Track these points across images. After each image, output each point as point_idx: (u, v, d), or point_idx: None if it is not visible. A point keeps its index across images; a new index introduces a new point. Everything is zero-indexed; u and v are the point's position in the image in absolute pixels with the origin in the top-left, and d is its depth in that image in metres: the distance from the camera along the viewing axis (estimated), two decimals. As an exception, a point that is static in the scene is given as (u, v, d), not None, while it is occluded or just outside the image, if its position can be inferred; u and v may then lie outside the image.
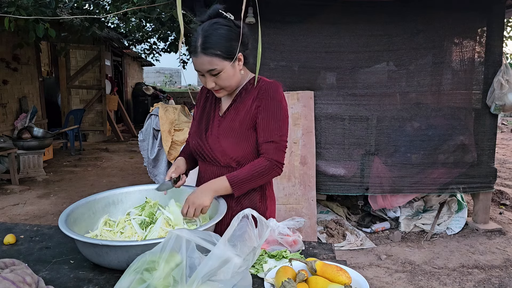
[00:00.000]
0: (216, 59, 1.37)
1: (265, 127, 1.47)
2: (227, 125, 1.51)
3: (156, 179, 4.35)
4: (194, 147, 1.58)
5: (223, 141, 1.50)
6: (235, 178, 1.43)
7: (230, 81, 1.44)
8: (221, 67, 1.39)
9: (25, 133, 5.99)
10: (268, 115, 1.47)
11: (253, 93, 1.52)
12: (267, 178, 1.48)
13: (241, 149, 1.49)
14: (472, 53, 3.93)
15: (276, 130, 1.47)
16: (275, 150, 1.46)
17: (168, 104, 6.87)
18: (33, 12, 4.39)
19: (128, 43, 12.15)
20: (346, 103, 3.89)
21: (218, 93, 1.49)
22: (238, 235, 1.11)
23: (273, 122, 1.47)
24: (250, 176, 1.43)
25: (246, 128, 1.49)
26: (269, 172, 1.46)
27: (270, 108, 1.47)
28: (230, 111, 1.53)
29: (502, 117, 12.79)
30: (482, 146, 4.00)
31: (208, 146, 1.53)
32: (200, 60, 1.39)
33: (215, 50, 1.37)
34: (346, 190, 3.93)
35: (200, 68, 1.41)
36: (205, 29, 1.39)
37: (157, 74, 23.84)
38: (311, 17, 3.77)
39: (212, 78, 1.42)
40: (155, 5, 5.51)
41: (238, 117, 1.50)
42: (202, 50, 1.37)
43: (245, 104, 1.51)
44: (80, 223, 1.38)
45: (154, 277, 0.94)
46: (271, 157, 1.45)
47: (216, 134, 1.52)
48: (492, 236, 3.93)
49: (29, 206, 4.86)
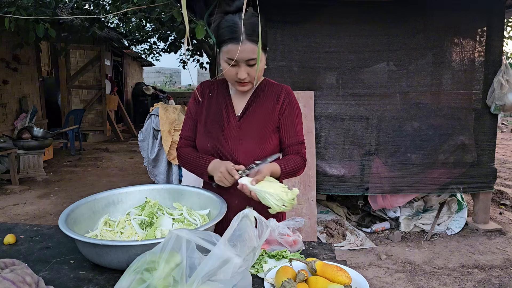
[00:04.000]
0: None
1: (293, 131, 1.55)
2: (249, 126, 1.51)
3: (156, 179, 4.35)
4: (209, 149, 1.53)
5: (246, 143, 1.50)
6: (285, 168, 1.49)
7: (259, 74, 1.45)
8: (261, 57, 1.39)
9: (25, 133, 5.99)
10: (294, 119, 1.56)
11: (271, 95, 1.53)
12: (297, 174, 1.57)
13: (264, 150, 1.50)
14: (472, 53, 3.93)
15: (300, 132, 1.58)
16: (304, 150, 1.59)
17: (168, 104, 6.87)
18: (33, 12, 4.40)
19: (128, 43, 12.16)
20: (346, 103, 3.89)
21: (244, 86, 1.46)
22: (238, 235, 1.11)
23: (298, 125, 1.57)
24: (292, 170, 1.52)
25: (269, 131, 1.52)
26: (301, 170, 1.56)
27: (294, 112, 1.56)
28: (249, 112, 1.53)
29: (502, 117, 12.80)
30: (482, 146, 4.00)
31: (229, 147, 1.51)
32: (244, 47, 1.34)
33: (258, 39, 1.36)
34: (346, 190, 3.93)
35: (241, 56, 1.36)
36: (246, 18, 1.35)
37: (157, 74, 23.85)
38: (311, 17, 3.77)
39: (247, 68, 1.40)
40: (155, 5, 5.51)
41: (260, 119, 1.51)
42: (249, 36, 1.34)
43: (265, 106, 1.53)
44: (80, 223, 1.38)
45: (154, 277, 0.94)
46: (304, 157, 1.57)
47: (237, 135, 1.51)
48: (492, 236, 3.93)
49: (29, 206, 4.86)
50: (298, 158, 1.55)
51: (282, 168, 1.48)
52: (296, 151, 1.56)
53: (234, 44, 1.35)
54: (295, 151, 1.56)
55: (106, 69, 10.04)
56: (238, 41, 1.34)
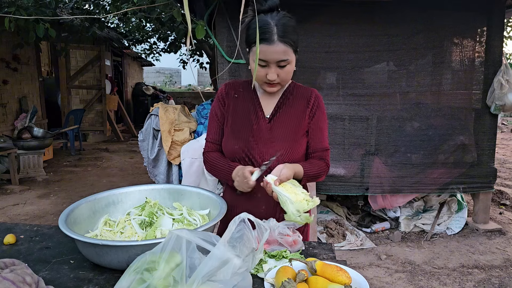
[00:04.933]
0: (289, 49, 1.36)
1: (320, 136, 1.55)
2: (280, 129, 1.49)
3: (156, 179, 4.35)
4: (237, 152, 1.49)
5: (277, 145, 1.47)
6: (309, 172, 1.47)
7: (289, 76, 1.44)
8: (292, 59, 1.38)
9: (25, 133, 5.99)
10: (321, 125, 1.55)
11: (300, 98, 1.53)
12: (319, 179, 1.56)
13: (294, 153, 1.49)
14: (472, 53, 3.93)
15: (326, 137, 1.57)
16: (329, 156, 1.58)
17: (168, 104, 6.87)
18: (33, 12, 4.39)
19: (128, 43, 12.16)
20: (346, 103, 3.88)
21: (273, 87, 1.44)
22: (237, 237, 1.11)
23: (325, 130, 1.57)
24: (315, 175, 1.50)
25: (300, 134, 1.51)
26: (323, 175, 1.55)
27: (321, 117, 1.55)
28: (279, 114, 1.51)
29: (502, 117, 12.79)
30: (482, 146, 4.00)
31: (259, 150, 1.48)
32: (276, 48, 1.33)
33: (291, 40, 1.35)
34: (346, 190, 3.93)
35: (272, 57, 1.35)
36: (278, 18, 1.35)
37: (157, 74, 23.84)
38: (311, 17, 3.77)
39: (277, 69, 1.38)
40: (155, 5, 5.51)
41: (291, 122, 1.50)
42: (280, 37, 1.33)
43: (295, 109, 1.52)
44: (80, 223, 1.38)
45: (154, 277, 0.94)
46: (328, 163, 1.56)
47: (268, 138, 1.48)
48: (492, 236, 3.93)
49: (29, 206, 4.86)
50: (323, 164, 1.53)
51: (306, 171, 1.46)
52: (320, 157, 1.54)
53: (265, 44, 1.33)
54: (320, 157, 1.54)
55: (106, 69, 10.04)
56: (269, 41, 1.33)
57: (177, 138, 4.17)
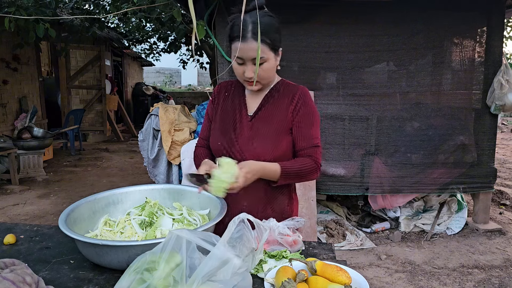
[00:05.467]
0: (264, 47, 1.37)
1: (307, 133, 1.49)
2: (261, 127, 1.48)
3: (156, 179, 4.35)
4: (219, 148, 1.50)
5: (257, 143, 1.46)
6: (287, 169, 1.42)
7: (269, 73, 1.44)
8: (268, 56, 1.39)
9: (25, 133, 5.99)
10: (307, 122, 1.49)
11: (286, 96, 1.51)
12: (307, 178, 1.50)
13: (274, 152, 1.46)
14: (472, 53, 3.93)
15: (316, 135, 1.51)
16: (319, 153, 1.50)
17: (168, 104, 6.87)
18: (33, 12, 4.39)
19: (128, 43, 12.16)
20: (346, 103, 3.88)
21: (252, 86, 1.45)
22: (237, 237, 1.11)
23: (313, 127, 1.50)
24: (298, 172, 1.44)
25: (282, 132, 1.48)
26: (312, 173, 1.48)
27: (308, 114, 1.50)
28: (262, 112, 1.50)
29: (502, 117, 12.79)
30: (482, 146, 4.00)
31: (239, 147, 1.47)
32: (250, 46, 1.35)
33: (266, 38, 1.36)
34: (346, 190, 3.93)
35: (247, 55, 1.36)
36: (255, 16, 1.36)
37: (157, 74, 23.83)
38: (311, 17, 3.77)
39: (254, 67, 1.39)
40: (155, 5, 5.51)
41: (273, 120, 1.48)
42: (253, 35, 1.34)
43: (278, 107, 1.50)
44: (80, 223, 1.38)
45: (154, 277, 0.94)
46: (316, 160, 1.48)
47: (248, 136, 1.48)
48: (492, 236, 3.93)
49: (29, 206, 4.86)
50: (308, 160, 1.47)
51: (284, 169, 1.41)
52: (308, 154, 1.48)
53: (240, 42, 1.35)
54: (307, 154, 1.48)
55: (106, 69, 10.04)
56: (244, 39, 1.35)
57: (177, 138, 4.18)
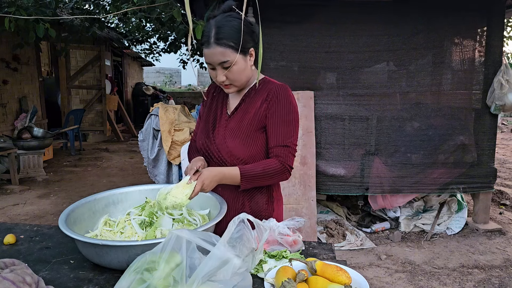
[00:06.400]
0: (228, 50, 1.35)
1: (277, 131, 1.45)
2: (235, 125, 1.49)
3: (156, 179, 4.35)
4: (201, 147, 1.54)
5: (230, 141, 1.47)
6: (247, 172, 1.40)
7: (241, 75, 1.42)
8: (233, 60, 1.37)
9: (25, 133, 5.99)
10: (279, 119, 1.45)
11: (262, 94, 1.49)
12: (275, 180, 1.48)
13: (248, 150, 1.46)
14: (472, 53, 3.93)
15: (288, 134, 1.46)
16: (288, 154, 1.45)
17: (168, 104, 6.87)
18: (33, 12, 4.39)
19: (128, 43, 12.16)
20: (346, 103, 3.89)
21: (228, 89, 1.46)
22: (237, 237, 1.11)
23: (285, 126, 1.45)
24: (261, 174, 1.42)
25: (254, 129, 1.47)
26: (279, 175, 1.45)
27: (281, 112, 1.45)
28: (239, 111, 1.51)
29: (502, 117, 12.79)
30: (482, 146, 4.00)
31: (215, 146, 1.49)
32: (213, 51, 1.36)
33: (228, 41, 1.35)
34: (346, 190, 3.93)
35: (212, 60, 1.38)
36: (218, 20, 1.37)
37: (157, 74, 23.84)
38: (311, 17, 3.77)
39: (223, 71, 1.39)
40: (155, 5, 5.51)
41: (247, 118, 1.48)
42: (216, 40, 1.35)
43: (254, 104, 1.49)
44: (80, 223, 1.38)
45: (154, 277, 0.94)
46: (284, 161, 1.44)
47: (223, 134, 1.49)
48: (492, 236, 3.93)
49: (29, 206, 4.86)
50: (273, 161, 1.43)
51: (243, 171, 1.39)
52: (275, 154, 1.44)
53: (205, 48, 1.38)
54: (275, 154, 1.44)
55: (106, 69, 10.04)
56: (207, 44, 1.37)
57: (177, 138, 4.18)
